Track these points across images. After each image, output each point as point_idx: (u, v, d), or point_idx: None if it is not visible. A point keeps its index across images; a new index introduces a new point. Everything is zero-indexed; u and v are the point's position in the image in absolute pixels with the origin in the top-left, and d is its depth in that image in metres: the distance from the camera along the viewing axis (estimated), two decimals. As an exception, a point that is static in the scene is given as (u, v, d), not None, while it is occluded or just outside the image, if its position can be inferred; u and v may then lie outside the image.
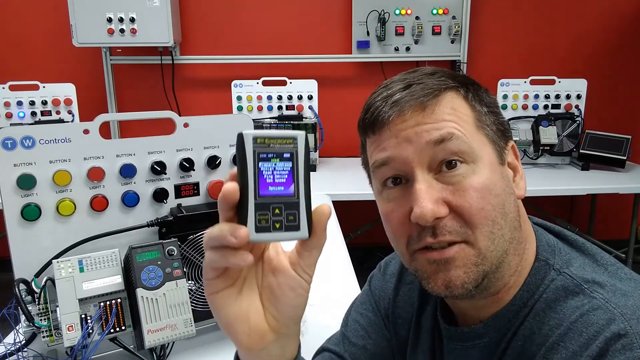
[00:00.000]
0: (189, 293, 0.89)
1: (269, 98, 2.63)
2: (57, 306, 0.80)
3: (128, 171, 0.92)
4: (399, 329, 0.75)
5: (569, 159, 2.67)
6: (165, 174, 0.95)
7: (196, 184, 0.99)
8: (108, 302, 0.83)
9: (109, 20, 2.61)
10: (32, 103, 2.52)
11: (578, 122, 2.59)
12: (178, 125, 0.96)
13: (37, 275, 0.85)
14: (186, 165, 0.96)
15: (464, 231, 0.55)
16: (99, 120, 0.89)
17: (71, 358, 0.79)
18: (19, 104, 2.51)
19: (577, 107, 2.63)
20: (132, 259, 0.83)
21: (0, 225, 0.99)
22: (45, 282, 0.82)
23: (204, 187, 0.99)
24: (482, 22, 3.01)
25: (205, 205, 0.99)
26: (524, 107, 2.65)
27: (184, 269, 0.91)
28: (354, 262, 1.41)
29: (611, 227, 3.23)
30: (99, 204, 0.90)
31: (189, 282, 0.94)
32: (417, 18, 2.88)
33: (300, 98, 2.62)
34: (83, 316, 0.81)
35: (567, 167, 2.64)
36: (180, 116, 0.96)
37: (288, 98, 2.62)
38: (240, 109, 2.64)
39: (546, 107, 2.63)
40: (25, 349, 0.83)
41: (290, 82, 2.63)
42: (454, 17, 2.89)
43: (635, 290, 0.55)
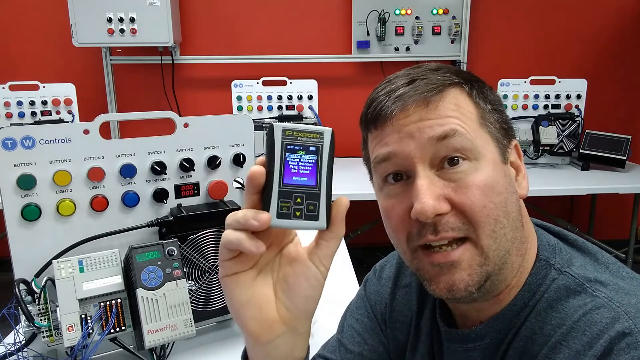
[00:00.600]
0: (189, 293, 0.89)
1: (269, 98, 2.63)
2: (57, 306, 0.80)
3: (128, 171, 0.92)
4: (397, 333, 0.74)
5: (569, 159, 2.67)
6: (166, 174, 0.95)
7: (196, 184, 0.99)
8: (108, 302, 0.83)
9: (109, 20, 2.61)
10: (32, 103, 2.53)
11: (578, 122, 2.59)
12: (178, 125, 0.96)
13: (37, 275, 0.85)
14: (186, 166, 0.96)
15: (466, 228, 0.54)
16: (99, 120, 0.89)
17: (71, 358, 0.79)
18: (19, 104, 2.51)
19: (577, 107, 2.63)
20: (132, 259, 0.83)
21: (0, 225, 0.99)
22: (45, 282, 0.82)
23: (204, 187, 0.99)
24: (482, 22, 3.01)
25: (205, 205, 0.99)
26: (524, 107, 2.65)
27: (184, 269, 0.91)
28: (354, 262, 1.41)
29: (611, 227, 3.23)
30: (99, 204, 0.90)
31: (189, 282, 0.94)
32: (417, 18, 2.89)
33: (300, 98, 2.62)
34: (83, 316, 0.81)
35: (567, 167, 2.64)
36: (180, 116, 0.96)
37: (288, 98, 2.62)
38: (240, 109, 2.64)
39: (546, 107, 2.63)
40: (25, 349, 0.83)
41: (290, 82, 2.63)
42: (454, 17, 2.89)
43: (638, 288, 0.55)
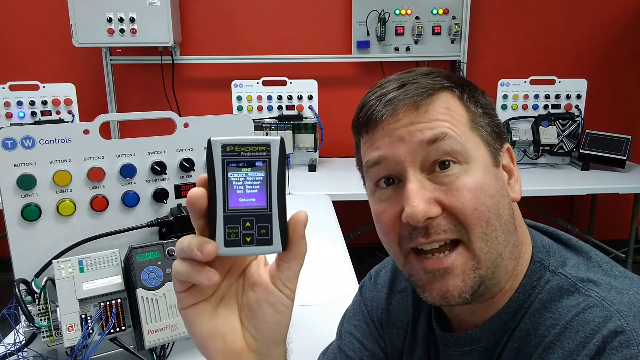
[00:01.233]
0: (189, 293, 0.89)
1: (269, 98, 2.63)
2: (57, 306, 0.80)
3: (128, 171, 0.92)
4: (394, 338, 0.74)
5: (569, 159, 2.67)
6: (166, 174, 0.95)
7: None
8: (108, 302, 0.83)
9: (109, 20, 2.60)
10: (32, 103, 2.52)
11: (578, 122, 2.59)
12: (178, 125, 0.96)
13: (37, 275, 0.85)
14: (186, 166, 0.96)
15: (457, 229, 0.54)
16: (99, 120, 0.89)
17: (71, 358, 0.79)
18: (19, 104, 2.51)
19: (577, 107, 2.63)
20: (132, 259, 0.83)
21: (0, 225, 0.99)
22: (46, 282, 0.82)
23: (204, 187, 0.99)
24: (482, 22, 3.01)
25: (205, 205, 0.99)
26: (524, 107, 2.64)
27: (184, 269, 0.91)
28: (354, 262, 1.41)
29: (611, 227, 3.23)
30: (99, 204, 0.90)
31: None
32: (417, 18, 2.88)
33: (300, 98, 2.62)
34: (83, 316, 0.81)
35: (567, 167, 2.64)
36: (180, 116, 0.96)
37: (288, 98, 2.62)
38: (240, 109, 2.63)
39: (546, 107, 2.63)
40: (25, 349, 0.83)
41: (290, 82, 2.63)
42: (454, 17, 2.89)
43: (630, 287, 0.55)
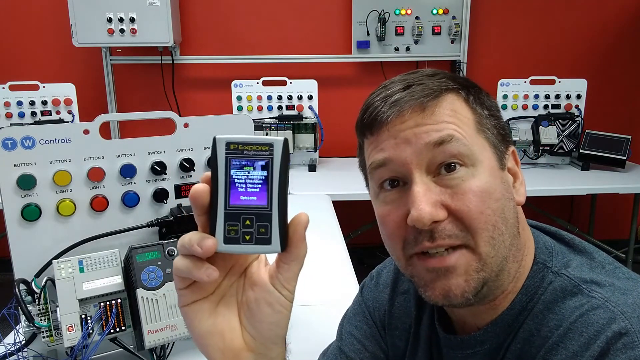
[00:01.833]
0: (189, 293, 0.89)
1: (269, 98, 2.63)
2: (57, 306, 0.80)
3: (128, 171, 0.92)
4: (396, 340, 0.74)
5: (569, 159, 2.67)
6: (166, 174, 0.95)
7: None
8: (108, 303, 0.83)
9: (109, 20, 2.60)
10: (32, 103, 2.52)
11: (578, 122, 2.59)
12: (178, 125, 0.96)
13: (37, 275, 0.85)
14: (186, 166, 0.96)
15: (463, 235, 0.54)
16: (99, 120, 0.89)
17: (71, 358, 0.79)
18: (19, 104, 2.51)
19: (577, 107, 2.63)
20: (132, 259, 0.83)
21: (0, 225, 0.99)
22: (46, 282, 0.82)
23: (204, 187, 0.99)
24: (482, 22, 3.01)
25: (205, 205, 0.99)
26: (524, 107, 2.64)
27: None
28: (354, 262, 1.41)
29: (611, 227, 3.23)
30: (99, 204, 0.90)
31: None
32: (417, 18, 2.88)
33: (300, 98, 2.62)
34: (83, 316, 0.81)
35: (567, 167, 2.64)
36: (180, 116, 0.96)
37: (288, 98, 2.62)
38: (240, 109, 2.63)
39: (546, 107, 2.63)
40: (25, 349, 0.83)
41: (290, 82, 2.63)
42: (454, 17, 2.89)
43: (634, 288, 0.54)
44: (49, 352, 0.85)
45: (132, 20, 2.62)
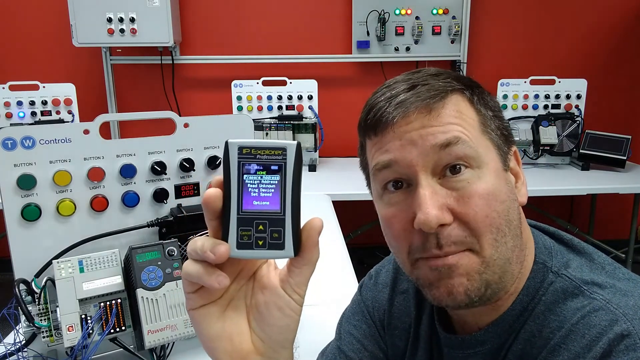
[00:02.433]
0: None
1: (269, 98, 2.63)
2: (57, 306, 0.80)
3: (128, 171, 0.92)
4: (395, 339, 0.74)
5: (569, 159, 2.67)
6: (166, 174, 0.95)
7: (196, 184, 0.99)
8: (108, 303, 0.83)
9: (109, 20, 2.60)
10: (32, 103, 2.52)
11: (578, 122, 2.59)
12: (178, 125, 0.96)
13: (37, 275, 0.85)
14: (186, 166, 0.96)
15: (469, 241, 0.54)
16: (99, 120, 0.89)
17: (71, 358, 0.79)
18: (19, 104, 2.51)
19: (577, 107, 2.63)
20: (132, 259, 0.83)
21: (0, 225, 0.99)
22: (46, 282, 0.82)
23: (204, 188, 0.99)
24: (482, 22, 3.01)
25: (205, 205, 0.99)
26: (524, 107, 2.64)
27: (184, 269, 0.91)
28: (354, 262, 1.41)
29: (611, 227, 3.23)
30: (99, 204, 0.90)
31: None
32: (417, 18, 2.88)
33: (300, 98, 2.62)
34: (83, 316, 0.81)
35: (567, 167, 2.64)
36: (180, 116, 0.96)
37: (288, 98, 2.62)
38: (240, 109, 2.63)
39: (546, 107, 2.63)
40: (25, 349, 0.83)
41: (290, 82, 2.63)
42: (454, 17, 2.89)
43: (635, 289, 0.54)
44: (49, 352, 0.85)
45: (132, 20, 2.62)
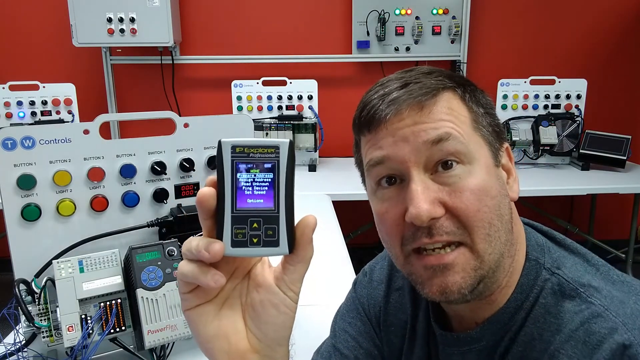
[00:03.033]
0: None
1: (269, 98, 2.63)
2: (57, 306, 0.80)
3: (128, 171, 0.92)
4: (391, 336, 0.74)
5: (569, 159, 2.67)
6: (166, 174, 0.95)
7: (196, 184, 0.99)
8: (108, 303, 0.83)
9: (109, 20, 2.60)
10: (32, 103, 2.52)
11: (578, 122, 2.59)
12: (178, 125, 0.96)
13: (37, 275, 0.85)
14: (186, 166, 0.96)
15: (460, 232, 0.54)
16: (99, 120, 0.89)
17: (71, 358, 0.79)
18: (19, 104, 2.51)
19: (577, 107, 2.63)
20: (132, 259, 0.83)
21: (0, 225, 0.99)
22: (46, 282, 0.82)
23: (204, 187, 0.99)
24: (482, 22, 3.01)
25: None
26: (524, 107, 2.64)
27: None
28: (354, 262, 1.41)
29: (611, 227, 3.23)
30: (99, 204, 0.90)
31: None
32: (417, 18, 2.88)
33: (300, 98, 2.62)
34: (83, 316, 0.81)
35: (567, 167, 2.64)
36: (180, 116, 0.96)
37: (288, 98, 2.62)
38: (240, 109, 2.63)
39: (546, 107, 2.63)
40: (25, 349, 0.83)
41: (290, 82, 2.63)
42: (454, 17, 2.89)
43: (629, 296, 0.55)
44: (49, 352, 0.85)
45: (132, 20, 2.62)
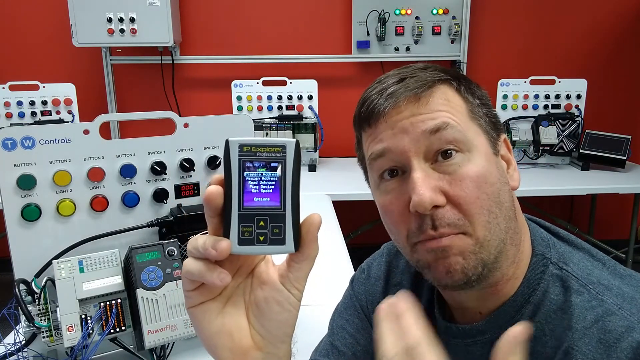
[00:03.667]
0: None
1: (269, 98, 2.63)
2: (57, 306, 0.80)
3: (128, 171, 0.92)
4: None
5: (569, 159, 2.67)
6: (166, 174, 0.95)
7: (196, 184, 0.99)
8: (108, 303, 0.83)
9: (109, 20, 2.60)
10: (32, 103, 2.52)
11: (578, 122, 2.59)
12: (178, 125, 0.96)
13: (37, 275, 0.85)
14: (186, 166, 0.96)
15: (462, 223, 0.55)
16: (99, 120, 0.89)
17: (71, 358, 0.79)
18: (19, 104, 2.51)
19: (577, 107, 2.63)
20: (132, 259, 0.83)
21: (0, 225, 0.99)
22: (46, 282, 0.82)
23: (204, 188, 0.99)
24: (482, 22, 3.01)
25: (205, 205, 0.99)
26: (524, 107, 2.64)
27: (184, 269, 0.91)
28: (354, 262, 1.41)
29: (611, 227, 3.23)
30: (99, 204, 0.90)
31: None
32: (417, 18, 2.88)
33: (300, 98, 2.62)
34: (83, 316, 0.81)
35: (567, 167, 2.64)
36: (180, 116, 0.96)
37: (288, 98, 2.62)
38: (240, 109, 2.63)
39: (546, 107, 2.63)
40: (25, 349, 0.83)
41: (290, 82, 2.63)
42: (454, 17, 2.89)
43: (637, 292, 0.55)
44: (49, 352, 0.85)
45: (132, 20, 2.62)
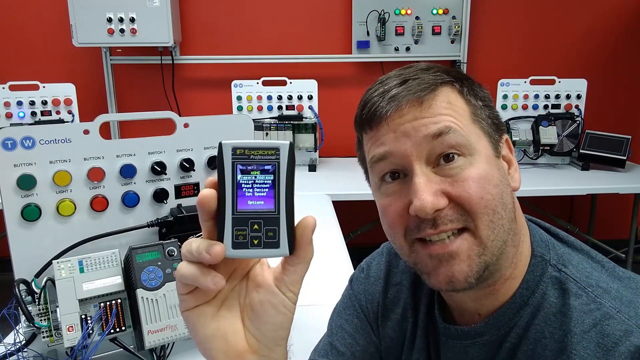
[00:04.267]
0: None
1: (269, 98, 2.63)
2: (57, 306, 0.80)
3: (128, 171, 0.92)
4: (389, 331, 0.74)
5: (569, 159, 2.67)
6: (166, 174, 0.95)
7: (196, 184, 0.99)
8: (108, 303, 0.83)
9: (109, 20, 2.60)
10: (32, 103, 2.52)
11: (578, 122, 2.59)
12: (178, 125, 0.96)
13: (37, 275, 0.85)
14: (186, 166, 0.96)
15: (464, 218, 0.55)
16: (99, 120, 0.89)
17: (71, 358, 0.79)
18: (19, 104, 2.51)
19: (577, 107, 2.63)
20: (132, 259, 0.83)
21: (0, 225, 0.99)
22: (46, 282, 0.82)
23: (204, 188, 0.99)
24: (482, 22, 3.01)
25: (205, 205, 0.99)
26: (524, 107, 2.64)
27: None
28: (354, 262, 1.41)
29: (611, 227, 3.23)
30: (99, 204, 0.90)
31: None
32: (417, 18, 2.88)
33: (300, 98, 2.62)
34: (83, 316, 0.81)
35: (567, 167, 2.64)
36: (180, 116, 0.96)
37: (288, 98, 2.62)
38: (240, 109, 2.63)
39: (546, 107, 2.63)
40: (25, 349, 0.83)
41: (290, 82, 2.63)
42: (454, 17, 2.89)
43: (637, 295, 0.55)
44: (49, 352, 0.85)
45: (132, 20, 2.62)
